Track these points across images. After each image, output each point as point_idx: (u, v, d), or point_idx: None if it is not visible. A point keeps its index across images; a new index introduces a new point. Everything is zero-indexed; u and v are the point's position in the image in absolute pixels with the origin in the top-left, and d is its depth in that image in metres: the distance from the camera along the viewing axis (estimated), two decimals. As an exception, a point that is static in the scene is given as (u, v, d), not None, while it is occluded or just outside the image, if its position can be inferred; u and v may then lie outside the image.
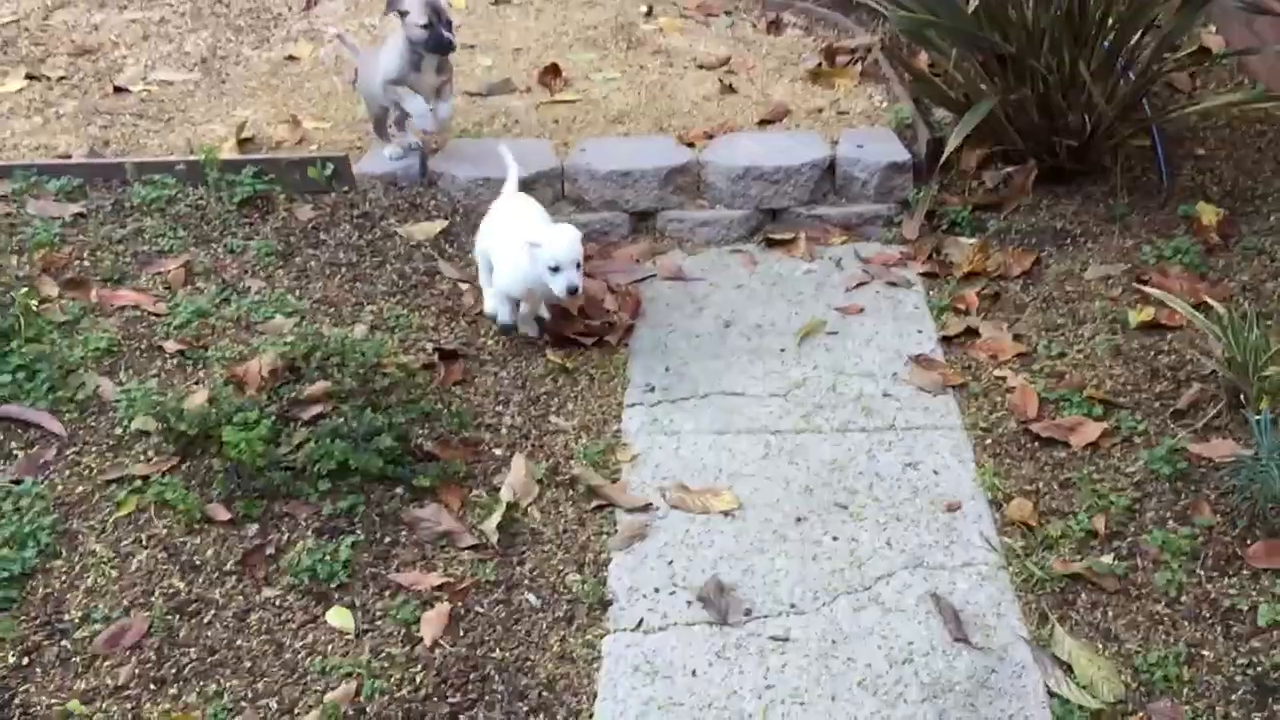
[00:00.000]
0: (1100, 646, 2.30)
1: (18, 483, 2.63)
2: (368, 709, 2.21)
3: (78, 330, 3.06)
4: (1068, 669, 2.25)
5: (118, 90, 4.39)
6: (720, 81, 4.34)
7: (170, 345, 3.05)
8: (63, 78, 4.51)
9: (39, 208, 3.53)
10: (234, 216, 3.54)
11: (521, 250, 2.98)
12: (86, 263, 3.34)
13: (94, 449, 2.75)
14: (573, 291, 2.97)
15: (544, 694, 2.27)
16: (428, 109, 3.53)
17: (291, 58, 4.65)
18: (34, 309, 3.05)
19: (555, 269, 2.94)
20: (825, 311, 3.35)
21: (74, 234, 3.44)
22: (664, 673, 2.29)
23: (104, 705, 2.20)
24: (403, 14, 3.42)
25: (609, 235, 3.72)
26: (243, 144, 3.90)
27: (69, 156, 3.85)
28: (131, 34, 4.88)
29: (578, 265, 2.97)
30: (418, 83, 3.53)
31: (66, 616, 2.37)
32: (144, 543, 2.53)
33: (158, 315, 3.16)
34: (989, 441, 2.84)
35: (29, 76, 4.51)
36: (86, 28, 4.95)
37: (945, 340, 3.20)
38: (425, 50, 3.45)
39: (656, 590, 2.48)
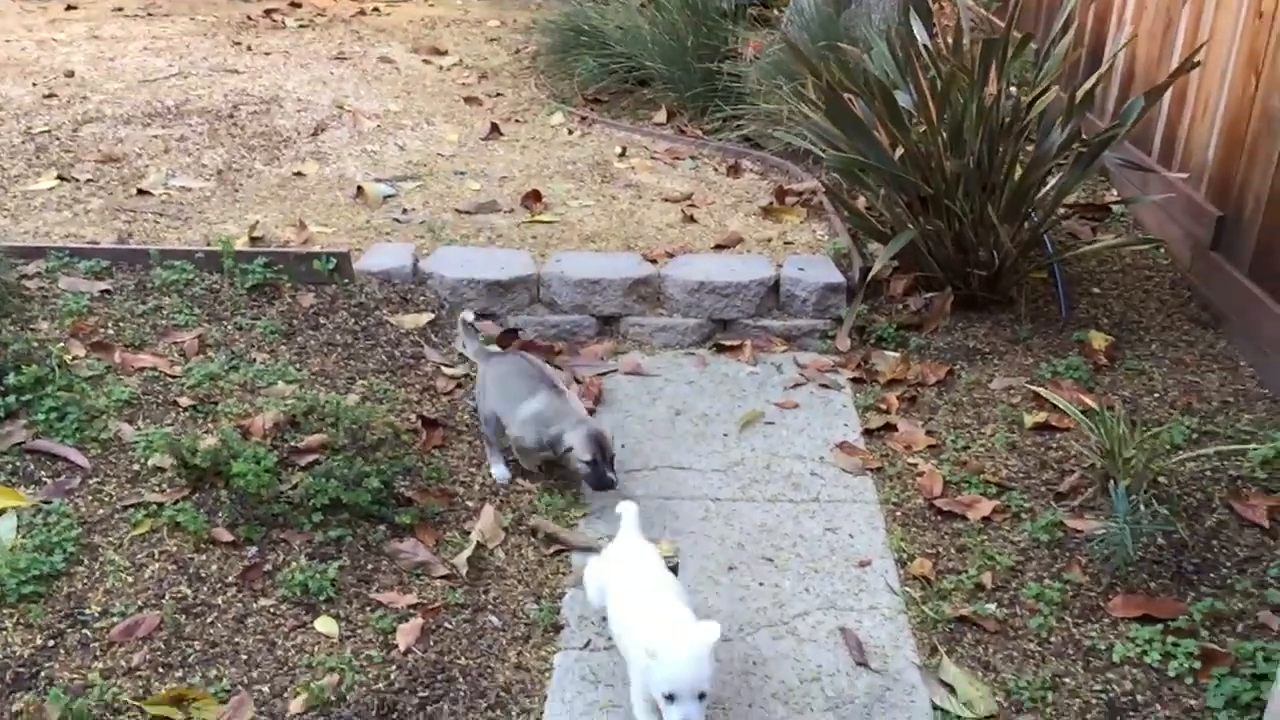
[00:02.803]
0: (980, 674, 2.69)
1: (47, 503, 2.99)
2: (348, 696, 2.55)
3: (103, 383, 3.46)
4: (951, 690, 2.63)
5: (140, 193, 4.88)
6: (683, 213, 4.89)
7: (184, 400, 3.44)
8: (90, 180, 5.00)
9: (69, 284, 3.95)
10: (244, 299, 3.98)
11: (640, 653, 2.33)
12: (111, 331, 3.75)
13: (114, 480, 3.12)
14: None
15: (501, 694, 2.61)
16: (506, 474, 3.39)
17: (299, 174, 5.18)
18: (66, 363, 3.45)
19: (670, 697, 2.24)
20: (764, 405, 3.81)
21: (100, 307, 3.86)
22: (606, 681, 2.65)
23: (119, 682, 2.53)
24: (567, 450, 3.25)
25: (577, 335, 4.19)
26: (254, 241, 4.36)
27: (98, 243, 4.30)
28: (154, 148, 5.41)
29: (701, 695, 2.24)
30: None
31: (87, 610, 2.71)
32: (156, 556, 2.88)
33: (173, 376, 3.56)
34: (899, 514, 3.27)
35: (59, 177, 5.00)
36: (113, 140, 5.48)
37: (867, 433, 3.66)
38: (588, 485, 3.29)
39: (604, 619, 2.84)
